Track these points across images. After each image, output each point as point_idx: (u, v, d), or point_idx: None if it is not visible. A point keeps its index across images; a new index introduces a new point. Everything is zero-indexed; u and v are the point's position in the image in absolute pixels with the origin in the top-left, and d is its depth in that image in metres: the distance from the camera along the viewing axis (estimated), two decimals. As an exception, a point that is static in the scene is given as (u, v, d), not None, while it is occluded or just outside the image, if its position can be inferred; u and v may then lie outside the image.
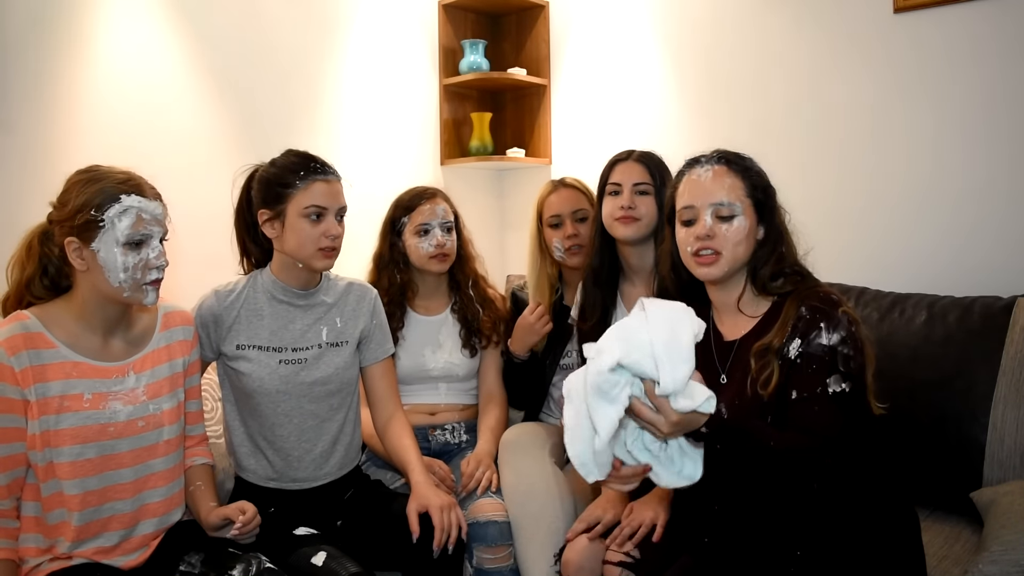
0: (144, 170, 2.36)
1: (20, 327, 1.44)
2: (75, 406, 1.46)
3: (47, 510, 1.47)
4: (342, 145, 2.83)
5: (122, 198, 1.44)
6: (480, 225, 3.04)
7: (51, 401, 1.44)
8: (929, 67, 2.33)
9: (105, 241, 1.43)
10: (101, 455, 1.49)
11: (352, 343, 1.85)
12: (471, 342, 2.19)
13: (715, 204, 1.46)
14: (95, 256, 1.44)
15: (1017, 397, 1.83)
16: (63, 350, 1.47)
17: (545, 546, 1.83)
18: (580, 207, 2.17)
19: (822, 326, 1.37)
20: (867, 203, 2.44)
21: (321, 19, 2.77)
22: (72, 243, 1.44)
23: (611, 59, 3.03)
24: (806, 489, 1.36)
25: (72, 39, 2.18)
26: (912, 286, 2.17)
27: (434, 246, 2.12)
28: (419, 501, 1.71)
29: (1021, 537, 1.52)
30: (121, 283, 1.45)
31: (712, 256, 1.46)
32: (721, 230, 1.45)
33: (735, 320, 1.51)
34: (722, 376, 1.50)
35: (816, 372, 1.36)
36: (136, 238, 1.45)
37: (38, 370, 1.43)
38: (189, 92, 2.43)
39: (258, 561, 1.55)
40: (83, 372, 1.48)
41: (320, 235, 1.71)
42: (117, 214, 1.44)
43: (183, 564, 1.57)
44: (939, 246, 2.32)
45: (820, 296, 1.41)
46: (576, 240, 2.14)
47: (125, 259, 1.44)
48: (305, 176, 1.71)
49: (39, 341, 1.45)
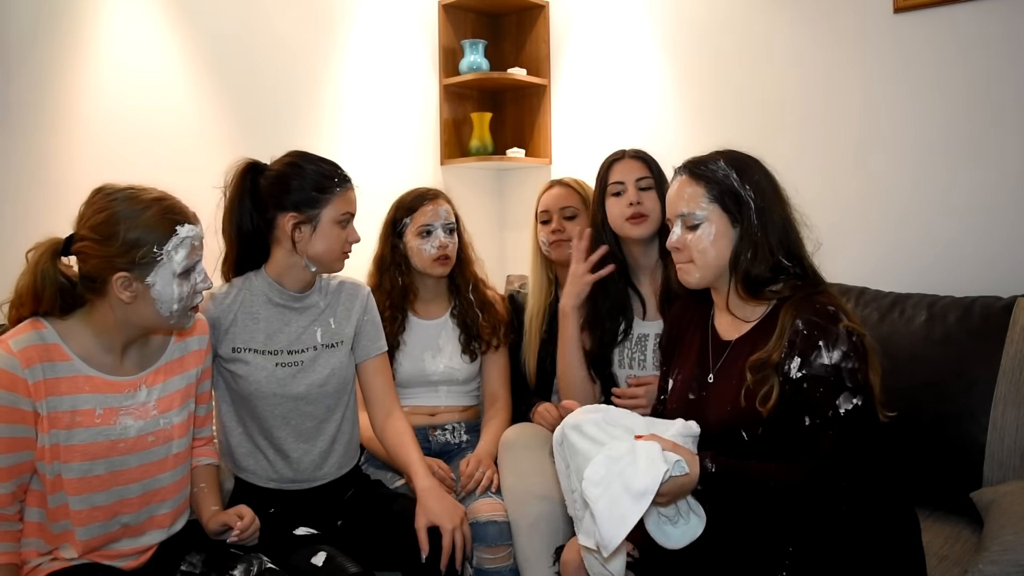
0: (144, 170, 2.37)
1: (36, 337, 1.40)
2: (86, 422, 1.43)
3: (52, 520, 1.45)
4: (342, 145, 2.83)
5: (177, 230, 1.41)
6: (480, 225, 3.04)
7: (62, 416, 1.41)
8: (929, 67, 2.32)
9: (161, 274, 1.40)
10: (110, 471, 1.47)
11: (347, 343, 1.85)
12: (471, 347, 2.18)
13: (680, 215, 1.48)
14: (148, 289, 1.40)
15: (1017, 397, 1.83)
16: (77, 363, 1.43)
17: (545, 546, 1.83)
18: (569, 204, 2.20)
19: (820, 345, 1.34)
20: (866, 203, 2.44)
21: (321, 19, 2.77)
22: (121, 278, 1.38)
23: (611, 59, 3.03)
24: (834, 513, 1.35)
25: (72, 39, 2.19)
26: (912, 286, 2.17)
27: (436, 248, 2.11)
28: (428, 516, 1.66)
29: (1021, 537, 1.52)
30: (172, 313, 1.42)
31: (685, 265, 1.49)
32: (687, 240, 1.47)
33: (731, 320, 1.51)
34: (710, 376, 1.50)
35: (825, 395, 1.34)
36: (189, 266, 1.43)
37: (51, 383, 1.40)
38: (189, 92, 2.43)
39: (259, 562, 1.54)
40: (96, 387, 1.45)
41: (345, 240, 1.77)
42: (174, 247, 1.40)
43: (184, 564, 1.57)
44: (939, 246, 2.32)
45: (816, 309, 1.38)
46: (559, 236, 2.18)
47: (181, 289, 1.41)
48: (339, 183, 1.75)
49: (54, 353, 1.41)
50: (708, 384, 1.49)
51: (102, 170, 2.23)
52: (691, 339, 1.60)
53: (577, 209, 2.19)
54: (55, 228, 2.13)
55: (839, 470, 1.33)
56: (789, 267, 1.45)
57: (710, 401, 1.47)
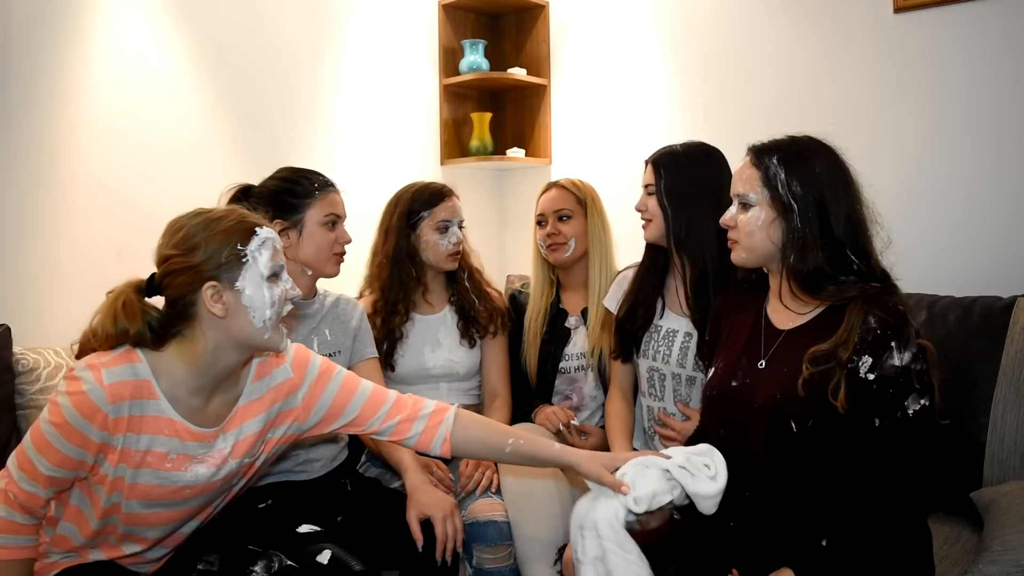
0: (143, 169, 2.37)
1: (130, 372, 1.32)
2: (157, 464, 1.36)
3: (88, 537, 1.39)
4: (342, 145, 2.83)
5: (257, 231, 1.36)
6: (480, 225, 3.04)
7: (135, 454, 1.34)
8: (929, 67, 2.32)
9: (250, 278, 1.34)
10: (170, 511, 1.42)
11: (346, 352, 1.91)
12: (469, 332, 2.20)
13: (737, 194, 1.49)
14: (239, 297, 1.33)
15: (1017, 397, 1.83)
16: (164, 404, 1.35)
17: (545, 546, 1.83)
18: (563, 207, 2.21)
19: (893, 345, 1.33)
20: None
21: (321, 19, 2.77)
22: (211, 288, 1.32)
23: (611, 59, 3.03)
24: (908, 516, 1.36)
25: (72, 39, 2.18)
26: (912, 286, 2.16)
27: (453, 244, 2.16)
28: (419, 508, 1.69)
29: (1021, 537, 1.52)
30: (266, 322, 1.35)
31: (734, 244, 1.50)
32: (739, 219, 1.48)
33: (784, 310, 1.49)
34: (761, 362, 1.48)
35: (894, 396, 1.34)
36: (275, 270, 1.37)
37: (134, 421, 1.33)
38: (188, 91, 2.43)
39: (279, 559, 1.55)
40: (177, 432, 1.37)
41: (335, 241, 1.82)
42: (257, 247, 1.35)
43: (201, 564, 1.56)
44: (939, 246, 2.31)
45: (888, 308, 1.37)
46: (555, 238, 2.21)
47: (272, 293, 1.35)
48: (320, 187, 1.82)
49: (144, 390, 1.33)
50: (757, 370, 1.47)
51: (102, 169, 2.24)
52: (739, 326, 1.56)
53: (572, 211, 2.21)
54: (55, 227, 2.14)
55: (908, 476, 1.34)
56: (856, 264, 1.42)
57: (759, 386, 1.44)
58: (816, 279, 1.41)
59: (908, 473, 1.34)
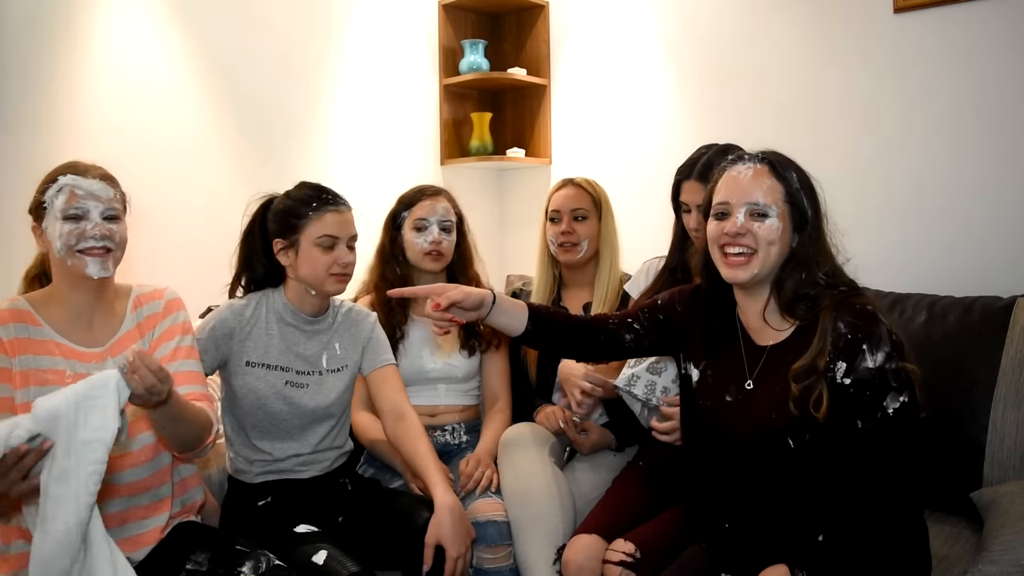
0: (143, 169, 2.37)
1: (8, 304, 1.52)
2: (58, 380, 1.47)
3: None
4: (342, 145, 2.83)
5: (59, 179, 1.52)
6: (480, 225, 3.03)
7: (35, 373, 1.46)
8: (929, 67, 2.33)
9: (49, 219, 1.52)
10: None
11: (352, 367, 1.90)
12: (470, 342, 2.19)
13: (750, 203, 1.42)
14: (45, 233, 1.53)
15: (1017, 397, 1.83)
16: (47, 329, 1.51)
17: (545, 546, 1.82)
18: (580, 206, 2.19)
19: (864, 348, 1.34)
20: (866, 203, 2.43)
21: (321, 19, 2.77)
22: (33, 226, 1.55)
23: (611, 59, 3.03)
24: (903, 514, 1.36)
25: (71, 38, 2.19)
26: (912, 286, 2.17)
27: (429, 243, 2.13)
28: (438, 534, 1.66)
29: (1021, 537, 1.52)
30: (60, 251, 1.50)
31: (743, 259, 1.42)
32: (754, 227, 1.41)
33: (763, 327, 1.48)
34: (748, 382, 1.47)
35: (872, 397, 1.34)
36: (69, 212, 1.51)
37: (24, 342, 1.48)
38: (188, 91, 2.43)
39: (267, 559, 1.54)
40: (65, 353, 1.51)
41: (331, 262, 1.79)
42: (55, 193, 1.52)
43: (190, 563, 1.56)
44: (939, 246, 2.32)
45: (856, 310, 1.37)
46: (569, 237, 2.19)
47: (61, 228, 1.50)
48: (317, 207, 1.79)
49: (27, 318, 1.51)
50: (747, 391, 1.46)
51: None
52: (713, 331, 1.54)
53: (588, 211, 2.19)
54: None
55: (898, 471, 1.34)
56: (824, 281, 1.43)
57: (752, 407, 1.44)
58: (798, 300, 1.42)
59: (897, 470, 1.34)
